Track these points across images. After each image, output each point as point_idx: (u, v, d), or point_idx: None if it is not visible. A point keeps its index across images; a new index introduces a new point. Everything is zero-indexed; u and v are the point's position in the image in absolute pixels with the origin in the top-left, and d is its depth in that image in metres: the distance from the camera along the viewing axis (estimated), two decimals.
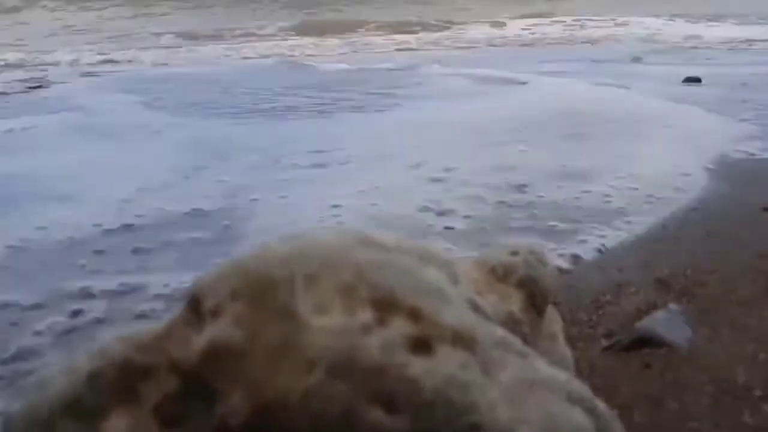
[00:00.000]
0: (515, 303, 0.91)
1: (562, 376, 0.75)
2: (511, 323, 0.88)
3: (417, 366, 0.59)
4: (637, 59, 6.19)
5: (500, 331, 0.77)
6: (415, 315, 0.61)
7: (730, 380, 1.02)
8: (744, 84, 4.36)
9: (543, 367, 0.75)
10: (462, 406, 0.59)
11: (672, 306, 1.28)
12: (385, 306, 0.61)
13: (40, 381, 0.73)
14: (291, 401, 0.58)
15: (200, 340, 0.62)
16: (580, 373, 1.05)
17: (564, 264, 1.55)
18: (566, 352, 1.00)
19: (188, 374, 0.63)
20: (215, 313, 0.62)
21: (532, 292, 0.93)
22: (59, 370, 0.72)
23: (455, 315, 0.63)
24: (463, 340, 0.62)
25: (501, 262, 0.94)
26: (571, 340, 1.15)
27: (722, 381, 1.02)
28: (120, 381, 0.67)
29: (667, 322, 1.20)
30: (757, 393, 0.98)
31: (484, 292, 0.90)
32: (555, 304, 1.29)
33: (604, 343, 1.18)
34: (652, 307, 1.31)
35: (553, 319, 1.01)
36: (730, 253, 1.56)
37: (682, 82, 4.52)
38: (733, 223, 1.77)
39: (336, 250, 0.65)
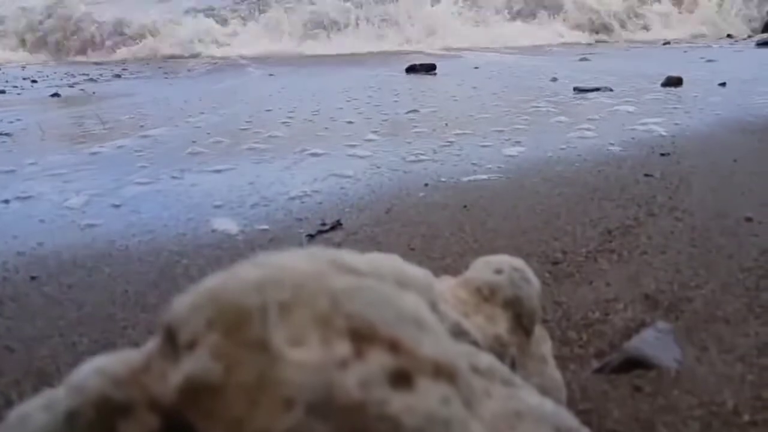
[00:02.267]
0: (502, 324, 0.89)
1: (549, 406, 0.73)
2: (498, 346, 0.87)
3: (397, 402, 0.57)
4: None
5: (486, 358, 0.76)
6: (393, 346, 0.59)
7: (719, 404, 1.02)
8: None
9: (529, 397, 0.73)
10: None
11: (660, 324, 1.27)
12: (363, 337, 0.58)
13: (21, 416, 0.71)
14: None
15: (177, 375, 0.60)
16: (572, 396, 1.04)
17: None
18: (557, 375, 0.99)
19: (168, 411, 0.61)
20: (191, 345, 0.60)
21: (519, 313, 0.91)
22: (39, 405, 0.70)
23: (435, 345, 0.61)
24: (443, 372, 0.60)
25: (486, 281, 0.92)
26: (563, 361, 1.15)
27: (712, 405, 1.01)
28: (99, 419, 0.64)
29: (655, 341, 1.20)
30: (746, 418, 0.98)
31: (471, 314, 0.88)
32: (544, 321, 1.30)
33: (595, 364, 1.17)
34: (641, 324, 1.30)
35: (542, 340, 1.00)
36: (715, 267, 1.56)
37: (661, 85, 4.53)
38: (717, 234, 1.77)
39: (309, 276, 0.62)
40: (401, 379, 0.58)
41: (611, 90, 4.37)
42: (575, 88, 4.45)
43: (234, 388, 0.56)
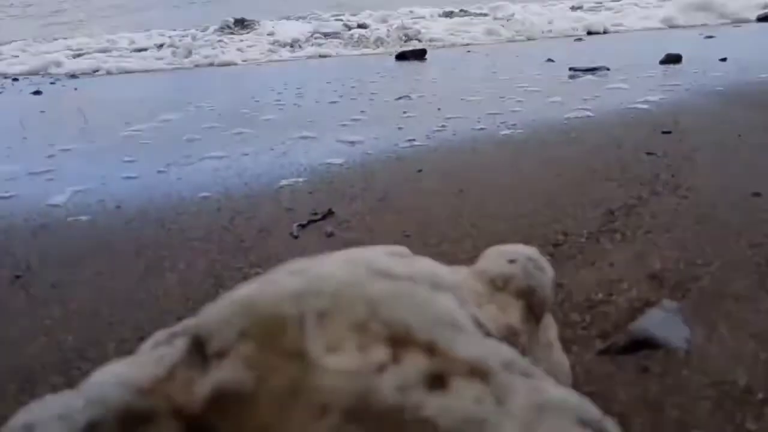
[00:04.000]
0: (514, 313, 0.89)
1: (572, 398, 0.73)
2: (510, 335, 0.87)
3: (432, 405, 0.57)
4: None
5: (507, 351, 0.75)
6: (430, 349, 0.59)
7: (731, 383, 1.00)
8: None
9: (550, 389, 0.72)
10: None
11: (667, 303, 1.26)
12: (400, 342, 0.59)
13: (29, 426, 0.68)
14: None
15: (205, 385, 0.60)
16: (576, 378, 1.03)
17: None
18: (563, 359, 0.98)
19: (193, 420, 0.61)
20: (221, 354, 0.60)
21: (531, 302, 0.92)
22: (53, 415, 0.68)
23: (469, 346, 0.62)
24: (477, 372, 0.60)
25: (500, 272, 0.92)
26: (565, 343, 1.13)
27: (723, 384, 1.00)
28: (121, 430, 0.63)
29: (662, 321, 1.18)
30: (760, 396, 0.97)
31: (484, 304, 0.88)
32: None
33: (599, 345, 1.16)
34: (647, 304, 1.29)
35: (549, 326, 0.99)
36: (722, 244, 1.54)
37: (660, 62, 4.50)
38: (723, 211, 1.75)
39: (347, 283, 0.62)
40: (437, 380, 0.58)
41: (608, 69, 4.34)
42: (571, 69, 4.42)
43: (266, 397, 0.56)
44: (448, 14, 9.21)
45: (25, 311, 1.49)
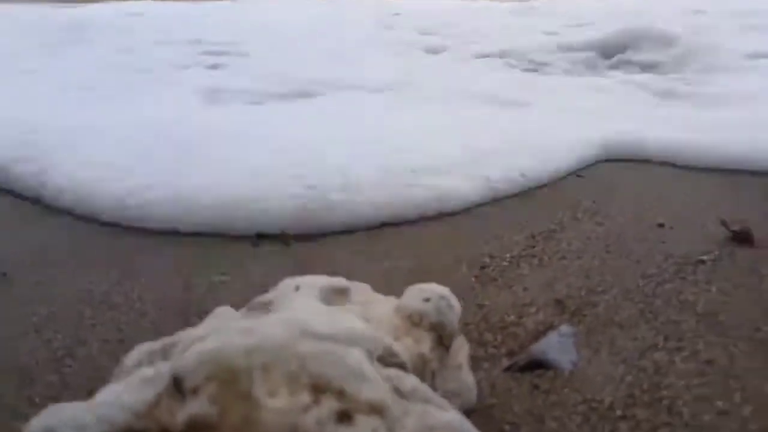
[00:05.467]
0: (426, 344, 1.19)
1: (457, 421, 1.02)
2: (422, 362, 1.17)
3: None
4: None
5: (410, 381, 1.05)
6: (341, 394, 0.89)
7: (598, 401, 1.31)
8: None
9: (441, 413, 1.02)
10: None
11: (564, 328, 1.57)
12: (320, 389, 0.89)
13: (50, 430, 0.95)
14: None
15: (183, 413, 0.89)
16: (482, 392, 1.33)
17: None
18: (469, 378, 1.28)
19: None
20: (194, 391, 0.89)
21: (441, 334, 1.22)
22: (69, 425, 0.95)
23: (371, 390, 0.91)
24: (376, 409, 0.90)
25: (416, 309, 1.22)
26: (477, 361, 1.44)
27: (592, 401, 1.31)
28: None
29: (557, 344, 1.49)
30: (618, 413, 1.28)
31: (402, 336, 1.18)
32: (466, 324, 1.58)
33: (506, 363, 1.46)
34: (550, 327, 1.59)
35: (460, 349, 1.30)
36: (621, 272, 1.86)
37: None
38: (629, 240, 2.07)
39: (284, 343, 0.93)
40: (345, 416, 0.88)
41: None
42: None
43: (226, 426, 0.86)
44: None
45: (13, 308, 1.73)
